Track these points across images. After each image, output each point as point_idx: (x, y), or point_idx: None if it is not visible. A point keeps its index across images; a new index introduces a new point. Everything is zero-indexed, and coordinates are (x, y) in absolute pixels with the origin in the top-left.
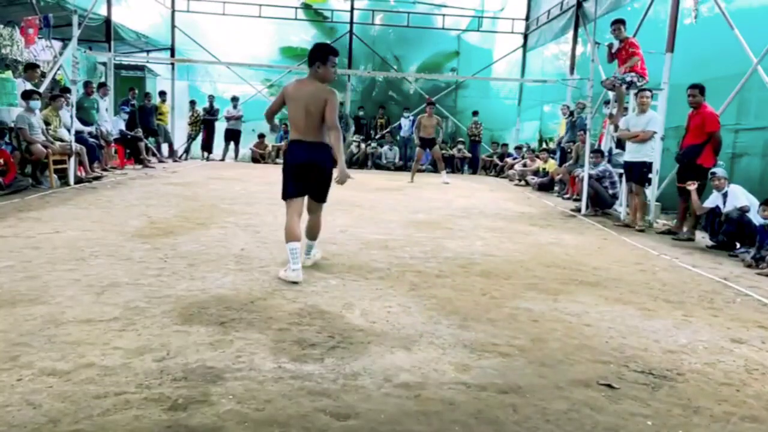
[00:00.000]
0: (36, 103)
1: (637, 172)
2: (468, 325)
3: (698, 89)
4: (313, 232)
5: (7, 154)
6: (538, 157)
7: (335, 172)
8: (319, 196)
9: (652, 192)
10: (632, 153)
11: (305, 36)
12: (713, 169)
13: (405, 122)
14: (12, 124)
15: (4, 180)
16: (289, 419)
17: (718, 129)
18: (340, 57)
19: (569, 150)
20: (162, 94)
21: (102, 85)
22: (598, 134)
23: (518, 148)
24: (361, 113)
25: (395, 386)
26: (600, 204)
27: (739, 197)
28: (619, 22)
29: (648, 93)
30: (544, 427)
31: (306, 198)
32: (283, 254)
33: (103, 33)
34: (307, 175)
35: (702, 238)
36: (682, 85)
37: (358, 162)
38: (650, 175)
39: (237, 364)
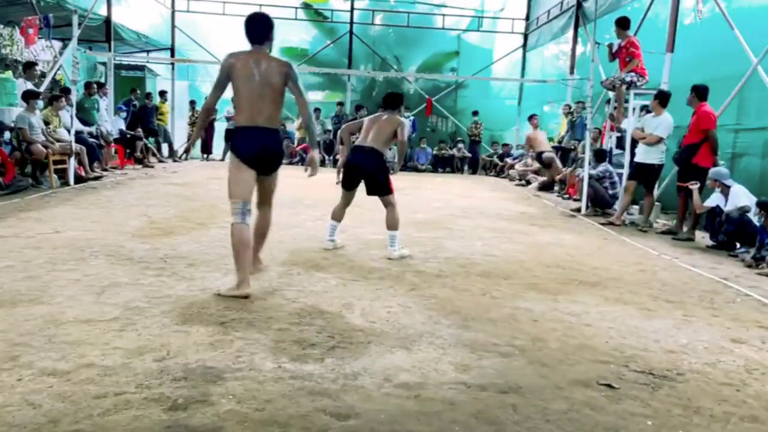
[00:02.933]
0: (37, 103)
1: (646, 175)
2: (468, 325)
3: (691, 89)
4: (387, 223)
5: (5, 153)
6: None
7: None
8: (374, 191)
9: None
10: (642, 154)
11: (305, 36)
12: (712, 169)
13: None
14: (12, 124)
15: (4, 180)
16: (289, 419)
17: (712, 127)
18: (340, 57)
19: (573, 147)
20: (163, 93)
21: (101, 86)
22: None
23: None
24: (364, 113)
25: (395, 386)
26: (600, 204)
27: (740, 197)
28: (618, 24)
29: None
30: (544, 427)
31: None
32: (283, 254)
33: (103, 33)
34: (356, 173)
35: (702, 238)
36: (682, 86)
37: None
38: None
39: (237, 364)
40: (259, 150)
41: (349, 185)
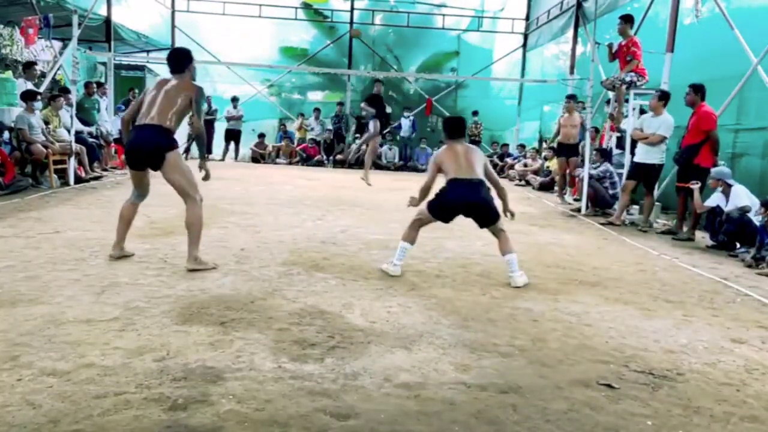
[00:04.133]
0: (37, 104)
1: (647, 175)
2: (468, 325)
3: (692, 88)
4: (504, 248)
5: (5, 153)
6: (546, 158)
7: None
8: (487, 223)
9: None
10: (643, 154)
11: (305, 36)
12: (712, 169)
13: (405, 122)
14: (12, 124)
15: (4, 180)
16: (289, 419)
17: (713, 127)
18: (340, 57)
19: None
20: None
21: (101, 85)
22: (599, 134)
23: (522, 146)
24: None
25: (395, 386)
26: (600, 204)
27: (741, 197)
28: (624, 19)
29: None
30: (544, 427)
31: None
32: (283, 254)
33: (103, 33)
34: (466, 209)
35: (702, 238)
36: (682, 86)
37: (358, 162)
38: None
39: (237, 364)
40: (133, 145)
41: (450, 219)
